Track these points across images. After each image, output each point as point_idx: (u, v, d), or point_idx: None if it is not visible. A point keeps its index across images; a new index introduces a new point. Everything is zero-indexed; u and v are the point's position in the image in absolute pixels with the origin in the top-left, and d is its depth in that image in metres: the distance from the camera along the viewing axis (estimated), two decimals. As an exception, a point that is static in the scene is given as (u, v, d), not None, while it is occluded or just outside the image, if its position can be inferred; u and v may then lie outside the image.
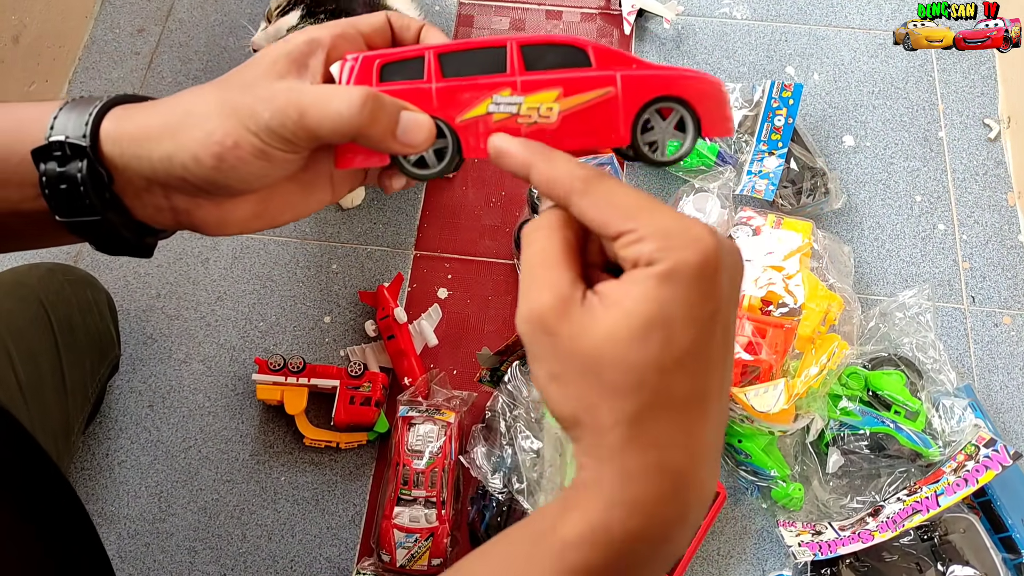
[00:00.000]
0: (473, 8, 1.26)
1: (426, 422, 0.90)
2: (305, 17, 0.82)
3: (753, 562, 0.91)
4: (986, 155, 1.16)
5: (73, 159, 0.39)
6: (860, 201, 1.12)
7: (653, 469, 0.31)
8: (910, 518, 0.83)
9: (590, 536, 0.31)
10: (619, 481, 0.31)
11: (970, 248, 1.09)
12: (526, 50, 0.37)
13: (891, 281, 1.07)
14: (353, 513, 0.93)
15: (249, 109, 0.37)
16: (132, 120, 0.40)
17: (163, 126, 0.38)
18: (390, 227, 1.09)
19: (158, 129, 0.38)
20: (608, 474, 0.31)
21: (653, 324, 0.30)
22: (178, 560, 0.90)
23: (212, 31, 1.23)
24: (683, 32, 1.25)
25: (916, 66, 1.22)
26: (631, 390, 0.31)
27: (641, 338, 0.30)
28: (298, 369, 0.93)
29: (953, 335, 1.04)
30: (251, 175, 0.38)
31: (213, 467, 0.95)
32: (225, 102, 0.37)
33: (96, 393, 0.89)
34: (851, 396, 0.92)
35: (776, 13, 1.27)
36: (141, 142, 0.39)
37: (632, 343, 0.31)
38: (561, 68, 0.37)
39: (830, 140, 1.16)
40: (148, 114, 0.40)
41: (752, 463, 0.90)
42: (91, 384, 0.86)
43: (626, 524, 0.31)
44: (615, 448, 0.31)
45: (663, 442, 0.31)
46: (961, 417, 0.91)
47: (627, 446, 0.31)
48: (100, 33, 1.23)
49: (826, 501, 0.91)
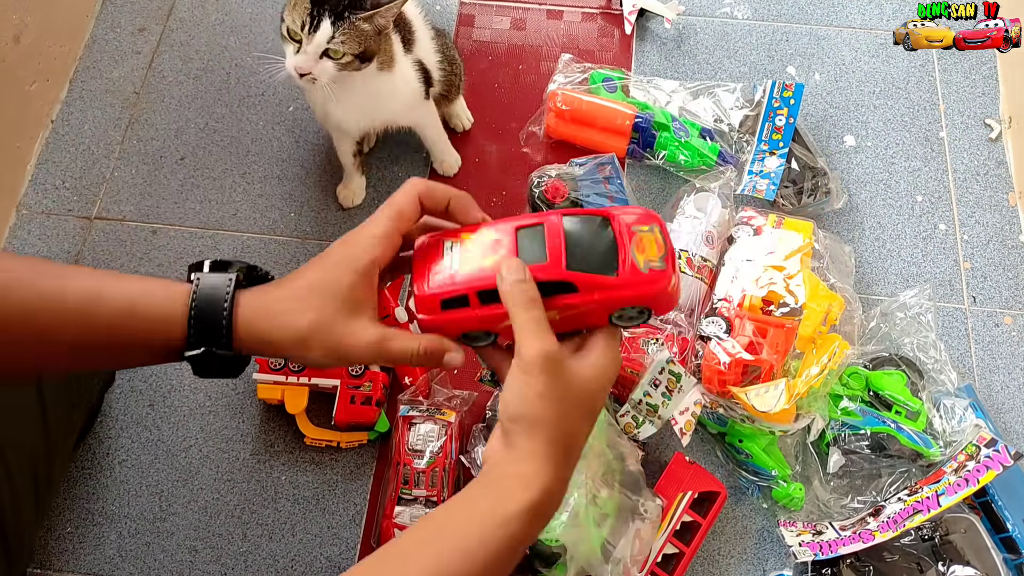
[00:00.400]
0: (474, 8, 1.26)
1: (427, 421, 0.90)
2: (336, 23, 0.80)
3: (754, 562, 0.91)
4: (987, 155, 1.16)
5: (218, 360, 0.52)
6: (861, 201, 1.12)
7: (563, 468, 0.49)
8: (911, 518, 0.82)
9: (529, 511, 0.47)
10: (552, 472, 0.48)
11: (971, 248, 1.09)
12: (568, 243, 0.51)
13: (892, 281, 1.07)
14: (354, 512, 0.92)
15: (347, 354, 0.52)
16: (261, 332, 0.52)
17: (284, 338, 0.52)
18: (391, 226, 1.08)
19: (281, 339, 0.52)
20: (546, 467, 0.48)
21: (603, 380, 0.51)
22: (179, 559, 0.90)
23: (213, 30, 1.23)
24: (684, 32, 1.25)
25: (917, 66, 1.22)
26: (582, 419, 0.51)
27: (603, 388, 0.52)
28: (299, 368, 0.93)
29: (954, 335, 1.04)
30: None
31: (214, 466, 0.94)
32: (330, 348, 0.52)
33: (86, 414, 0.89)
34: (852, 396, 0.92)
35: (777, 13, 1.27)
36: (264, 343, 0.52)
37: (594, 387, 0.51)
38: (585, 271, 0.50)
39: (831, 140, 1.16)
40: (272, 327, 0.52)
41: (753, 463, 0.90)
42: (76, 411, 0.85)
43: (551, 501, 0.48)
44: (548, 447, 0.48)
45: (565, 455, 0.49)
46: (962, 417, 0.91)
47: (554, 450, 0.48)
48: (101, 32, 1.23)
49: (827, 501, 0.91)
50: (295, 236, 1.08)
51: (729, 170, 1.05)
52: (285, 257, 1.06)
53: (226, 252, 1.06)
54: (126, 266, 1.05)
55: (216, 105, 1.17)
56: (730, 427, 0.91)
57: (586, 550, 0.78)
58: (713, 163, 1.08)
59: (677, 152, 1.08)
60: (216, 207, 1.10)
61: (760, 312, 0.92)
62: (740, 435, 0.90)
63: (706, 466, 0.92)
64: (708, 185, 1.03)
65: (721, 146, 1.09)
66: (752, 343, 0.88)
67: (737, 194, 1.05)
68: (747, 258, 0.97)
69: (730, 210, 1.03)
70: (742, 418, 0.89)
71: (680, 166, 1.09)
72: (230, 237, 1.08)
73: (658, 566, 0.85)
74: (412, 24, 0.96)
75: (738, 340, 0.89)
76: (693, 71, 1.22)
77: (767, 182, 1.05)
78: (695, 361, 0.91)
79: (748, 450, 0.90)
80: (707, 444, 0.96)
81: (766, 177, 1.05)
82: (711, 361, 0.88)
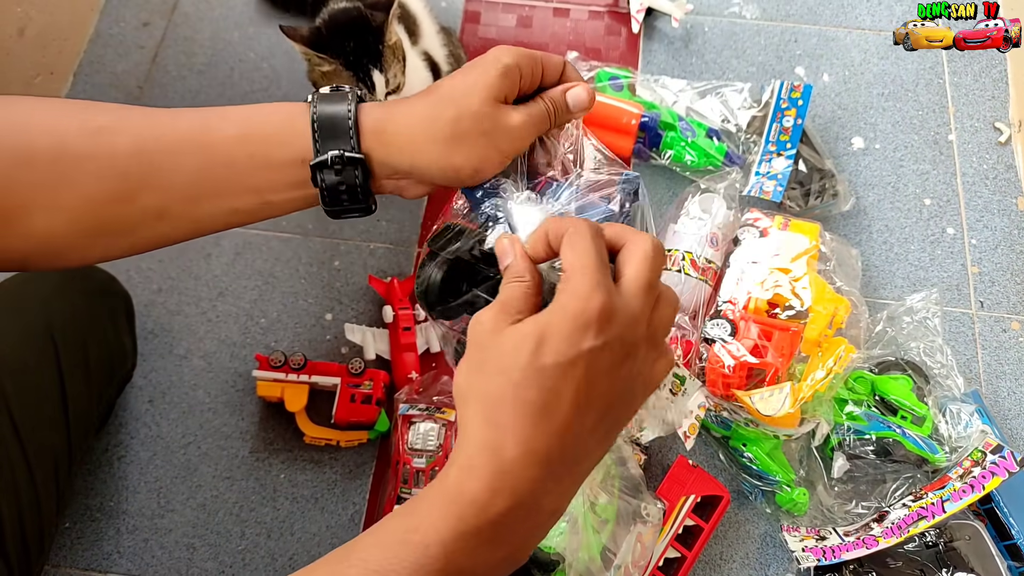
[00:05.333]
0: (480, 5, 1.25)
1: (426, 420, 0.89)
2: (379, 66, 0.82)
3: (756, 567, 0.90)
4: (996, 159, 1.15)
5: (348, 167, 0.50)
6: (869, 204, 1.11)
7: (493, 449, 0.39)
8: (915, 524, 0.82)
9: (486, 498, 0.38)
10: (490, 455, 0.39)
11: (979, 252, 1.08)
12: None
13: (899, 285, 1.06)
14: (353, 512, 0.92)
15: (500, 151, 0.51)
16: (392, 124, 0.50)
17: (423, 152, 0.50)
18: (393, 224, 1.08)
19: (417, 152, 0.50)
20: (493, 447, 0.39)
21: (527, 337, 0.39)
22: (176, 556, 0.89)
23: (217, 25, 1.23)
24: (692, 31, 1.24)
25: (926, 68, 1.21)
26: (495, 374, 0.39)
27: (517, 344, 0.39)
28: (299, 366, 0.93)
29: (961, 340, 1.03)
30: (484, 177, 0.52)
31: (212, 464, 0.94)
32: (479, 151, 0.50)
33: (103, 412, 0.89)
34: (857, 400, 0.91)
35: (786, 13, 1.26)
36: (399, 153, 0.50)
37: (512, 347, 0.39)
38: None
39: (839, 142, 1.15)
40: (406, 119, 0.50)
41: (757, 467, 0.89)
42: (97, 408, 0.84)
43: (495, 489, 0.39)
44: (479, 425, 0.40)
45: (503, 426, 0.38)
46: (968, 423, 0.90)
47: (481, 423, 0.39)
48: (105, 26, 1.22)
49: (831, 506, 0.90)
50: (298, 233, 1.07)
51: (735, 171, 1.05)
52: (287, 254, 1.06)
53: (228, 248, 1.06)
54: (127, 261, 1.04)
55: (219, 100, 1.17)
56: (734, 431, 0.91)
57: (585, 557, 0.78)
58: (720, 164, 1.07)
59: (683, 152, 1.07)
60: (218, 203, 1.09)
61: (765, 315, 0.91)
62: (744, 439, 0.90)
63: (709, 470, 0.92)
64: (714, 186, 1.02)
65: (728, 147, 1.08)
66: (757, 346, 0.87)
67: (743, 195, 1.05)
68: (752, 260, 0.96)
69: (735, 211, 1.02)
70: (746, 422, 0.89)
71: (686, 166, 1.08)
72: (232, 233, 1.07)
73: (660, 570, 0.84)
74: (416, 17, 0.96)
75: (743, 343, 0.88)
76: (700, 71, 1.21)
77: (774, 183, 1.04)
78: (699, 364, 0.90)
79: (752, 454, 0.89)
80: (710, 448, 0.95)
81: (773, 178, 1.04)
82: (715, 364, 0.88)
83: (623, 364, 0.40)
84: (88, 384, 0.80)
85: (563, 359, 0.38)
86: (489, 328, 0.41)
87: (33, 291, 0.78)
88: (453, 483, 0.39)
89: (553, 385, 0.38)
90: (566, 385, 0.38)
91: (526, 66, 0.52)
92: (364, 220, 1.08)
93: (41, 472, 0.70)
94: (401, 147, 0.51)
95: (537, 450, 0.38)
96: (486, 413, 0.39)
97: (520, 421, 0.38)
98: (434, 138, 0.50)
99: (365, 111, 0.51)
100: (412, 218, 1.09)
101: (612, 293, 0.39)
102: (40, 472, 0.70)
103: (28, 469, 0.69)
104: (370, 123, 0.50)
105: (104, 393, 0.85)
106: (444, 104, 0.50)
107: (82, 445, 0.80)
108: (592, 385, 0.39)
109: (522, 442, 0.38)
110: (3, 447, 0.67)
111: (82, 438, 0.79)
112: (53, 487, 0.73)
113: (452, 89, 0.51)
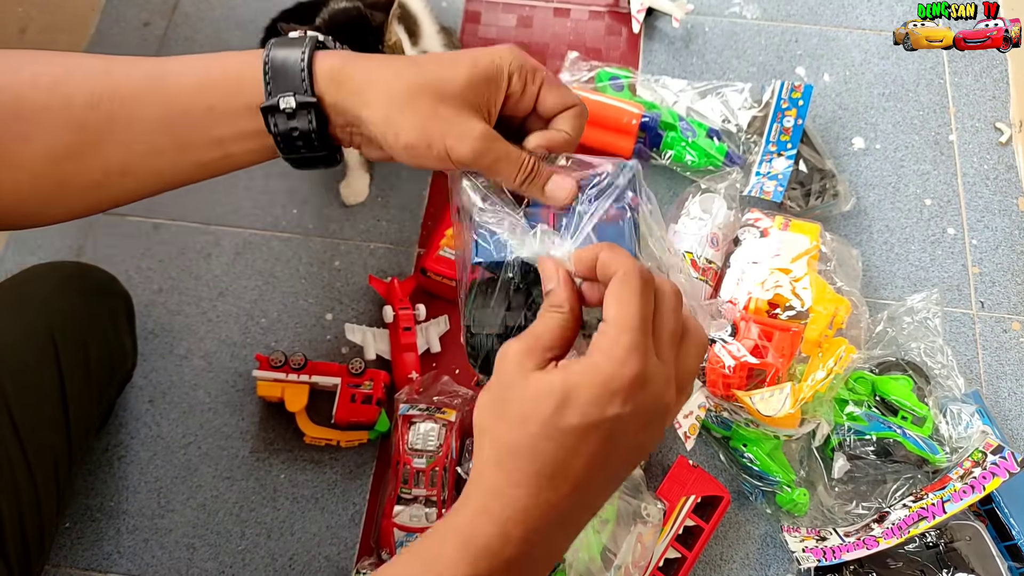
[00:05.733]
0: (480, 5, 1.25)
1: (427, 420, 0.89)
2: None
3: (756, 567, 0.90)
4: (997, 159, 1.15)
5: (301, 111, 0.47)
6: (869, 204, 1.11)
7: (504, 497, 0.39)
8: (915, 525, 0.82)
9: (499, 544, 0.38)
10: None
11: (980, 253, 1.08)
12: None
13: (900, 285, 1.06)
14: (353, 512, 0.92)
15: (445, 143, 0.47)
16: (350, 76, 0.48)
17: (376, 101, 0.47)
18: (393, 224, 1.08)
19: (370, 99, 0.47)
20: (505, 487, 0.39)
21: (553, 391, 0.37)
22: (176, 556, 0.89)
23: (217, 25, 1.23)
24: (692, 31, 1.24)
25: (927, 68, 1.21)
26: (516, 421, 0.38)
27: (542, 394, 0.38)
28: (299, 366, 0.92)
29: (962, 340, 1.03)
30: (441, 164, 0.48)
31: (213, 464, 0.94)
32: (426, 127, 0.47)
33: (103, 412, 0.89)
34: (858, 401, 0.91)
35: (787, 13, 1.26)
36: (352, 97, 0.48)
37: (536, 395, 0.38)
38: None
39: (840, 142, 1.15)
40: (366, 73, 0.48)
41: (757, 468, 0.89)
42: (97, 408, 0.84)
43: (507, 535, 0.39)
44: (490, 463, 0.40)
45: (517, 474, 0.38)
46: (968, 423, 0.90)
47: (496, 467, 0.39)
48: (106, 26, 1.22)
49: (831, 507, 0.90)
50: (297, 232, 1.07)
51: (736, 171, 1.05)
52: (287, 254, 1.06)
53: (228, 247, 1.06)
54: (127, 261, 1.04)
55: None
56: (734, 431, 0.90)
57: (585, 557, 0.78)
58: (720, 164, 1.07)
59: (684, 152, 1.07)
60: (218, 203, 1.09)
61: (766, 315, 0.91)
62: (744, 439, 0.90)
63: (709, 470, 0.91)
64: (714, 186, 1.02)
65: (728, 147, 1.08)
66: (757, 346, 0.87)
67: (744, 195, 1.04)
68: (753, 260, 0.96)
69: (736, 212, 1.02)
70: (746, 422, 0.88)
71: (686, 166, 1.08)
72: (232, 233, 1.07)
73: (660, 570, 0.84)
74: (417, 17, 0.96)
75: (743, 343, 0.88)
76: (701, 71, 1.21)
77: (774, 183, 1.04)
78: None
79: (752, 454, 0.89)
80: (711, 448, 0.95)
81: (773, 179, 1.04)
82: (716, 364, 0.87)
83: (646, 428, 0.39)
84: (88, 384, 0.79)
85: (587, 422, 0.37)
86: (515, 364, 0.39)
87: (33, 291, 0.78)
88: (467, 525, 0.39)
89: (572, 444, 0.37)
90: (585, 446, 0.38)
91: (518, 80, 0.49)
92: (364, 220, 1.08)
93: (41, 472, 0.70)
94: (354, 91, 0.48)
95: (550, 502, 0.38)
96: (502, 458, 0.39)
97: (535, 473, 0.38)
98: (388, 91, 0.47)
99: (322, 56, 0.49)
100: (412, 218, 1.09)
101: (648, 358, 0.38)
102: (40, 472, 0.70)
103: (28, 469, 0.69)
104: (326, 68, 0.48)
105: (104, 393, 0.85)
106: (415, 68, 0.48)
107: (82, 445, 0.79)
108: (612, 447, 0.38)
109: (535, 494, 0.38)
110: (3, 447, 0.67)
111: (82, 438, 0.79)
112: (53, 487, 0.73)
113: (432, 61, 0.49)
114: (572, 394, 0.37)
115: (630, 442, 0.39)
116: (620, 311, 0.38)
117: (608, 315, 0.39)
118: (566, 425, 0.37)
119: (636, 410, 0.38)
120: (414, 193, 1.10)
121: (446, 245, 1.00)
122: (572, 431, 0.37)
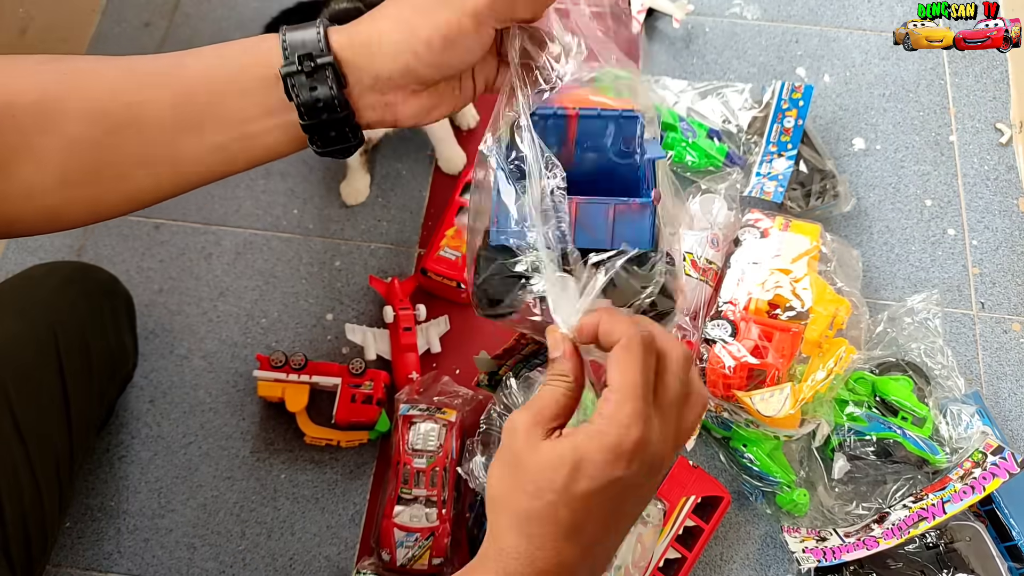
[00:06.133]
0: (481, 5, 1.25)
1: (427, 421, 0.89)
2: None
3: (756, 568, 0.90)
4: (997, 160, 1.15)
5: (320, 71, 0.47)
6: (869, 204, 1.11)
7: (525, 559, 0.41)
8: (916, 525, 0.82)
9: None
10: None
11: (980, 253, 1.08)
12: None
13: (900, 286, 1.06)
14: (353, 512, 0.92)
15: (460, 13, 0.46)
16: (358, 31, 0.48)
17: (395, 25, 0.47)
18: (394, 224, 1.08)
19: (390, 27, 0.47)
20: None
21: (564, 462, 0.40)
22: (177, 556, 0.89)
23: (218, 26, 1.23)
24: (693, 32, 1.24)
25: (927, 69, 1.21)
26: (531, 493, 0.41)
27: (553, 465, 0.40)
28: (300, 366, 0.93)
29: (962, 341, 1.03)
30: (466, 51, 0.48)
31: (213, 463, 0.94)
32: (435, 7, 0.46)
33: (105, 412, 0.89)
34: (858, 401, 0.91)
35: (787, 14, 1.26)
36: (372, 44, 0.48)
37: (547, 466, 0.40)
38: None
39: (840, 142, 1.15)
40: (371, 23, 0.48)
41: (757, 468, 0.89)
42: (98, 408, 0.84)
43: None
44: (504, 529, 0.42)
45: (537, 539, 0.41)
46: (968, 424, 0.90)
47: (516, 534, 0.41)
48: (107, 27, 1.22)
49: (831, 507, 0.90)
50: (298, 232, 1.07)
51: (736, 171, 1.05)
52: (288, 254, 1.06)
53: (228, 247, 1.06)
54: (128, 261, 1.05)
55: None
56: (734, 431, 0.90)
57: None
58: (720, 164, 1.07)
59: (684, 153, 1.07)
60: (219, 203, 1.09)
61: (766, 316, 0.91)
62: (744, 440, 0.90)
63: (709, 470, 0.91)
64: (715, 187, 1.02)
65: (729, 147, 1.08)
66: (757, 347, 0.87)
67: (744, 196, 1.05)
68: (753, 261, 0.96)
69: (736, 212, 1.02)
70: (747, 422, 0.88)
71: (687, 167, 1.08)
72: (232, 233, 1.07)
73: (660, 571, 0.84)
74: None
75: (743, 344, 0.88)
76: (701, 71, 1.21)
77: (775, 184, 1.04)
78: (700, 364, 0.90)
79: (752, 455, 0.89)
80: (711, 448, 0.95)
81: (774, 179, 1.04)
82: (716, 365, 0.87)
83: (648, 482, 0.43)
84: (90, 384, 0.80)
85: (596, 485, 0.40)
86: (523, 437, 0.42)
87: (34, 291, 0.78)
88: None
89: (584, 507, 0.41)
90: (597, 507, 0.41)
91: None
92: (365, 220, 1.08)
93: (44, 472, 0.70)
94: (365, 43, 0.48)
95: (567, 562, 0.41)
96: (520, 526, 0.42)
97: (553, 537, 0.41)
98: (399, 13, 0.48)
99: (336, 29, 0.49)
100: (412, 218, 1.09)
101: (650, 423, 0.41)
102: (43, 472, 0.70)
103: (31, 469, 0.69)
104: (342, 37, 0.49)
105: (105, 393, 0.86)
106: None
107: (84, 445, 0.80)
108: (620, 503, 0.42)
109: (554, 556, 0.41)
110: (6, 447, 0.67)
111: (84, 438, 0.79)
112: (55, 487, 0.73)
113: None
114: (582, 462, 0.40)
115: (634, 496, 0.43)
116: (623, 379, 0.41)
117: (612, 382, 0.41)
118: (578, 491, 0.40)
119: (640, 469, 0.40)
120: (415, 193, 1.10)
121: (447, 245, 1.00)
122: (584, 496, 0.40)
